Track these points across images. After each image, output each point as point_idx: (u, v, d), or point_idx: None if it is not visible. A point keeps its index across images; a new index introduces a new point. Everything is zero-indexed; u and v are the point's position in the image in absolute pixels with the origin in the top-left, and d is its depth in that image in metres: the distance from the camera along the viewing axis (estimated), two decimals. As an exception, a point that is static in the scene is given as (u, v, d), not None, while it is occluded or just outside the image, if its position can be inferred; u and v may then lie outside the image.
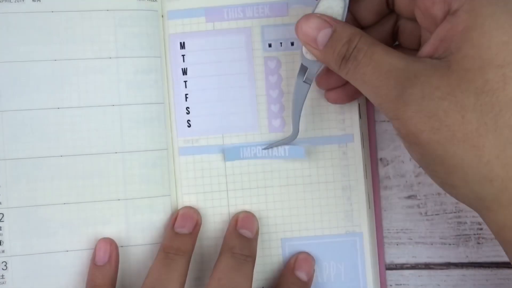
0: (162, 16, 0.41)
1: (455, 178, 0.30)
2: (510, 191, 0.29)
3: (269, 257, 0.41)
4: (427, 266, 0.42)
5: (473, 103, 0.28)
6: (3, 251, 0.39)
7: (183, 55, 0.41)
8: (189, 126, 0.41)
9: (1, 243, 0.39)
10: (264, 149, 0.40)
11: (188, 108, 0.41)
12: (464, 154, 0.29)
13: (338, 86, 0.38)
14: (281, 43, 0.41)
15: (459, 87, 0.29)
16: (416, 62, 0.30)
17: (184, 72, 0.41)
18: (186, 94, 0.41)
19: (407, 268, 0.42)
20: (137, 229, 0.40)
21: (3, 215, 0.39)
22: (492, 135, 0.28)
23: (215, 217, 0.41)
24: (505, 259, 0.41)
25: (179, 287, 0.37)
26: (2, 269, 0.39)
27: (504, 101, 0.28)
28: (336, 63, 0.33)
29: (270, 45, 0.41)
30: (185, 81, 0.41)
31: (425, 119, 0.29)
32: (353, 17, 0.37)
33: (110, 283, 0.38)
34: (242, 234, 0.39)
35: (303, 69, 0.37)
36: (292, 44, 0.41)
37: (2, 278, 0.39)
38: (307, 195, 0.41)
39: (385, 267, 0.42)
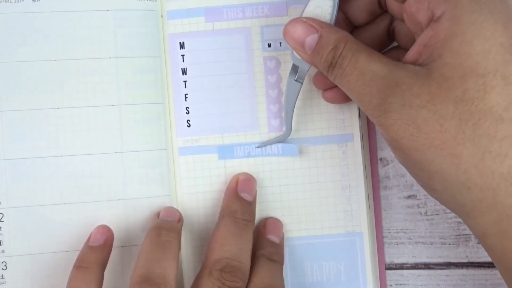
0: (162, 16, 0.41)
1: (435, 183, 0.30)
2: (489, 199, 0.29)
3: (269, 256, 0.41)
4: (427, 266, 0.42)
5: (452, 112, 0.29)
6: (3, 251, 0.39)
7: (182, 55, 0.41)
8: (189, 126, 0.41)
9: (1, 243, 0.39)
10: (257, 147, 0.40)
11: (188, 108, 0.41)
12: (442, 161, 0.29)
13: (333, 86, 0.38)
14: (280, 43, 0.41)
15: (439, 95, 0.29)
16: (398, 69, 0.30)
17: (184, 72, 0.41)
18: (185, 94, 0.41)
19: (407, 268, 0.42)
20: (137, 229, 0.40)
21: (3, 215, 0.39)
22: (470, 143, 0.28)
23: (215, 217, 0.40)
24: (505, 259, 0.41)
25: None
26: (2, 269, 0.39)
27: (483, 110, 0.28)
28: (324, 69, 0.33)
29: (269, 45, 0.41)
30: (185, 81, 0.41)
31: (405, 127, 0.30)
32: (345, 17, 0.37)
33: (100, 263, 0.37)
34: (242, 198, 0.39)
35: (295, 68, 0.37)
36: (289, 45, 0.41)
37: (2, 278, 0.39)
38: (307, 194, 0.41)
39: (385, 267, 0.42)
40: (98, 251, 0.37)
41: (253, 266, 0.38)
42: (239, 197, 0.39)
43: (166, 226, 0.37)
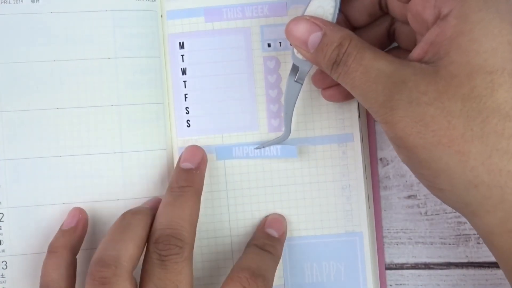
0: (162, 16, 0.41)
1: (441, 182, 0.30)
2: (496, 198, 0.29)
3: (269, 256, 0.41)
4: (427, 266, 0.42)
5: (460, 109, 0.28)
6: (3, 251, 0.39)
7: (182, 55, 0.41)
8: (189, 126, 0.41)
9: (1, 243, 0.39)
10: (256, 148, 0.40)
11: (188, 108, 0.41)
12: (449, 159, 0.29)
13: (333, 85, 0.38)
14: (280, 42, 0.41)
15: (447, 93, 0.29)
16: (404, 67, 0.30)
17: (184, 72, 0.41)
18: (185, 94, 0.41)
19: (407, 268, 0.42)
20: (137, 228, 0.40)
21: (3, 215, 0.39)
22: (478, 141, 0.28)
23: (215, 217, 0.41)
24: (505, 259, 0.41)
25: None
26: (2, 268, 0.39)
27: (491, 108, 0.28)
28: (327, 67, 0.33)
29: (269, 45, 0.41)
30: (185, 81, 0.41)
31: (412, 124, 0.29)
32: (345, 18, 0.37)
33: (70, 247, 0.37)
34: (183, 168, 0.38)
35: (295, 68, 0.37)
36: (291, 43, 0.40)
37: (2, 277, 0.39)
38: (307, 194, 0.41)
39: (385, 267, 0.42)
40: (67, 235, 0.37)
41: (242, 254, 0.38)
42: (179, 169, 0.38)
43: (132, 210, 0.37)
